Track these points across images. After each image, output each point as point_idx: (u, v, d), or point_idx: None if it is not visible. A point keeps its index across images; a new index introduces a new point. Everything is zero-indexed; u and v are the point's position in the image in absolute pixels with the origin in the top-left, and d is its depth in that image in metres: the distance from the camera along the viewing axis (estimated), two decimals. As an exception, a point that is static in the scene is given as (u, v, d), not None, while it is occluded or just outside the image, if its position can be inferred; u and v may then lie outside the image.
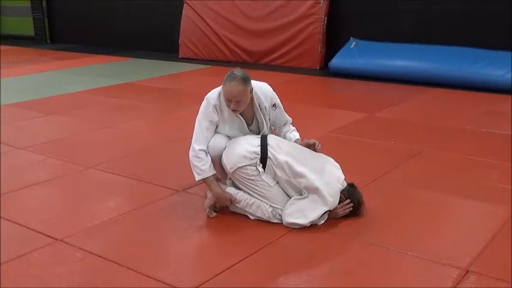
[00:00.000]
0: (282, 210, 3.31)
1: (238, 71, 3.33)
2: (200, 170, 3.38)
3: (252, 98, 3.41)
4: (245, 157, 3.33)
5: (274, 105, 3.56)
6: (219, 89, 3.44)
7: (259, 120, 3.52)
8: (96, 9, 12.24)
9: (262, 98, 3.49)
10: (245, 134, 3.51)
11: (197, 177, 3.41)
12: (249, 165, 3.32)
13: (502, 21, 7.67)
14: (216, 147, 3.45)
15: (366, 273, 2.81)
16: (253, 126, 3.55)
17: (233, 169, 3.36)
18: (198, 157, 3.38)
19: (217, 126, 3.49)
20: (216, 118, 3.44)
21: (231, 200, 3.41)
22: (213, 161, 3.45)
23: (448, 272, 2.78)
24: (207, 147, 3.43)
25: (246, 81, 3.31)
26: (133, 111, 6.41)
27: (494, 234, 3.19)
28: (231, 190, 3.44)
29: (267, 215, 3.33)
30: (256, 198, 3.35)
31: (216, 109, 3.42)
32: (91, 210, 3.61)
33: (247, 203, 3.37)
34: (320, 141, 3.50)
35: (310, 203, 3.26)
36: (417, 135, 5.27)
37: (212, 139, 3.46)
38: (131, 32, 11.64)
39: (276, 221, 3.32)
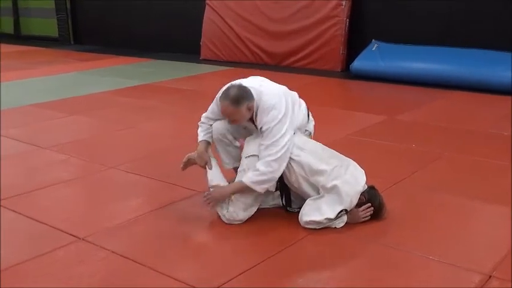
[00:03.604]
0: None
1: (233, 89, 3.27)
2: (199, 134, 3.61)
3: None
4: None
5: (261, 128, 3.29)
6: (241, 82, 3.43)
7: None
8: (118, 10, 12.34)
9: (259, 116, 3.29)
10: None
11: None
12: None
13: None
14: (218, 128, 3.56)
15: (386, 277, 2.79)
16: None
17: (248, 154, 3.38)
18: (199, 124, 3.64)
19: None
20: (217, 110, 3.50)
21: (206, 163, 3.51)
22: (217, 144, 3.60)
23: (471, 277, 2.76)
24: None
25: (238, 102, 3.22)
26: (155, 112, 6.46)
27: (517, 239, 3.15)
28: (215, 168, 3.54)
29: (221, 213, 3.39)
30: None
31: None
32: (113, 210, 3.65)
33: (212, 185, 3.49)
34: (340, 144, 3.49)
35: (325, 202, 3.23)
36: (438, 138, 5.22)
37: (217, 122, 3.59)
38: (153, 33, 11.71)
39: (224, 219, 3.36)
